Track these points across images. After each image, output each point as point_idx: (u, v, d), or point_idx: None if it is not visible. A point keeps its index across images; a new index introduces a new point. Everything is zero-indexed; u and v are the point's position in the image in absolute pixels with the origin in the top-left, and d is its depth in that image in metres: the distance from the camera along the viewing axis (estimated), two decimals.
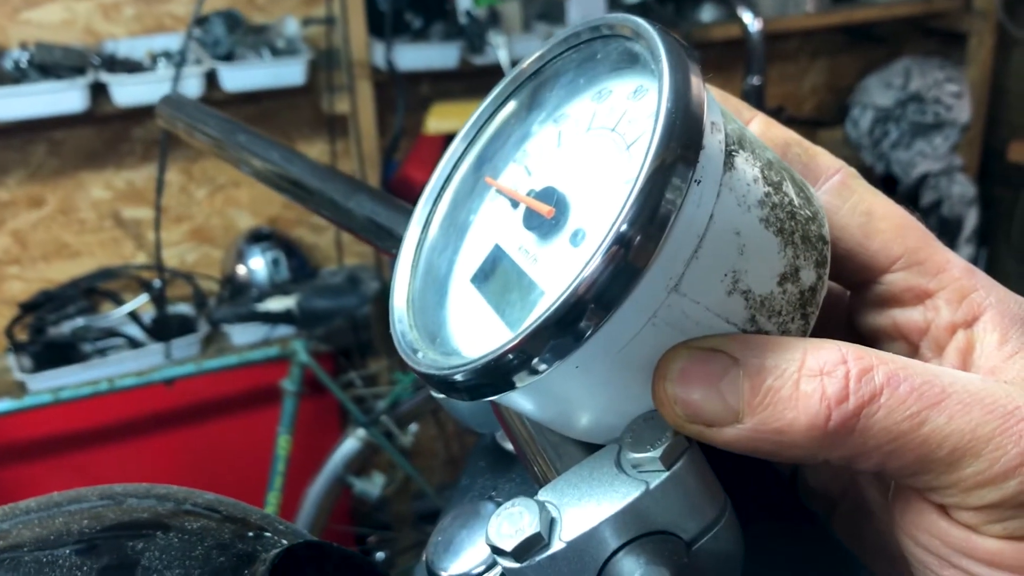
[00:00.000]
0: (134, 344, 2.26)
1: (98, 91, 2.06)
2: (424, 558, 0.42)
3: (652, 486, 0.31)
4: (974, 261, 2.74)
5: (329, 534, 2.29)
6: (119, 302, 2.32)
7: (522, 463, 0.40)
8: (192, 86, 2.07)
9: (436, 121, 2.37)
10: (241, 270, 2.37)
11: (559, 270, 0.33)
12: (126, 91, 2.05)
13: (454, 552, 0.41)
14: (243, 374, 2.23)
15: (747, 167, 0.32)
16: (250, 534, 0.45)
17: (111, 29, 2.23)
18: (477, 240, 0.39)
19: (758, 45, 2.11)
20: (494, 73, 2.26)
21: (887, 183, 2.83)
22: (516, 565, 0.32)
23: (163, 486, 0.50)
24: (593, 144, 0.35)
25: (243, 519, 0.46)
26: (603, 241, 0.28)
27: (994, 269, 2.81)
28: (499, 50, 2.21)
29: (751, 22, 2.08)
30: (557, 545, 0.31)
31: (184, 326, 2.32)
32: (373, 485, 2.38)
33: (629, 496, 0.31)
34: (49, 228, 2.33)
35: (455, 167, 0.41)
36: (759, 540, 0.35)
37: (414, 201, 0.45)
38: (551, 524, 0.32)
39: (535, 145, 0.39)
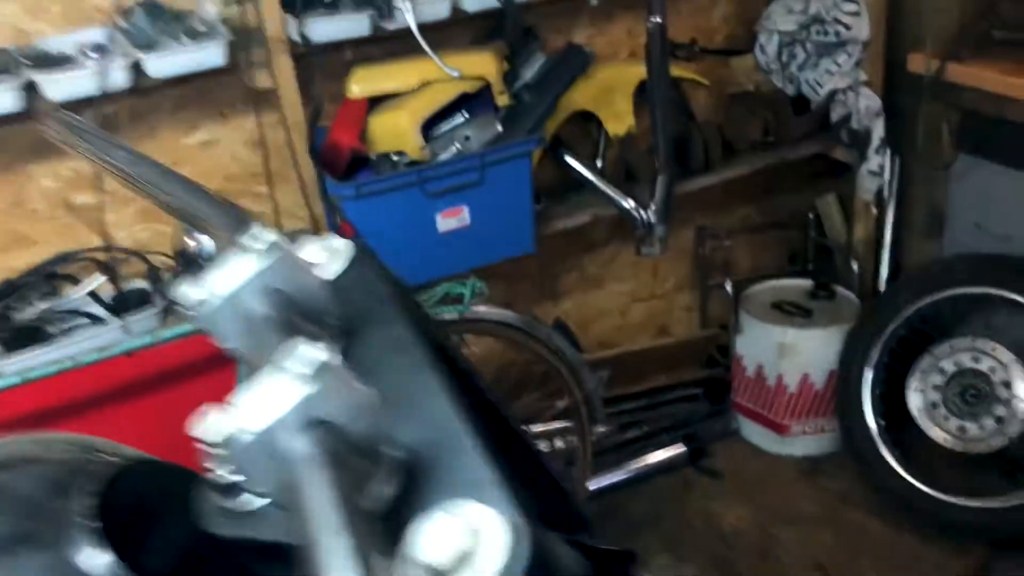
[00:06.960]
0: (97, 322, 2.41)
1: (32, 89, 2.16)
2: None
3: None
4: (886, 169, 2.89)
5: None
6: (79, 284, 2.46)
7: None
8: (120, 77, 2.17)
9: (358, 85, 2.50)
10: (189, 243, 2.50)
11: None
12: (58, 87, 2.15)
13: None
14: (200, 340, 2.37)
15: None
16: (88, 457, 0.60)
17: (39, 27, 2.32)
18: None
19: None
20: (407, 36, 2.37)
21: (800, 103, 2.97)
22: None
23: None
24: None
25: (81, 445, 0.61)
26: None
27: (905, 174, 2.97)
28: (407, 14, 2.33)
29: None
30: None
31: (143, 301, 2.47)
32: None
33: None
34: (5, 221, 2.45)
35: None
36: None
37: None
38: None
39: None
